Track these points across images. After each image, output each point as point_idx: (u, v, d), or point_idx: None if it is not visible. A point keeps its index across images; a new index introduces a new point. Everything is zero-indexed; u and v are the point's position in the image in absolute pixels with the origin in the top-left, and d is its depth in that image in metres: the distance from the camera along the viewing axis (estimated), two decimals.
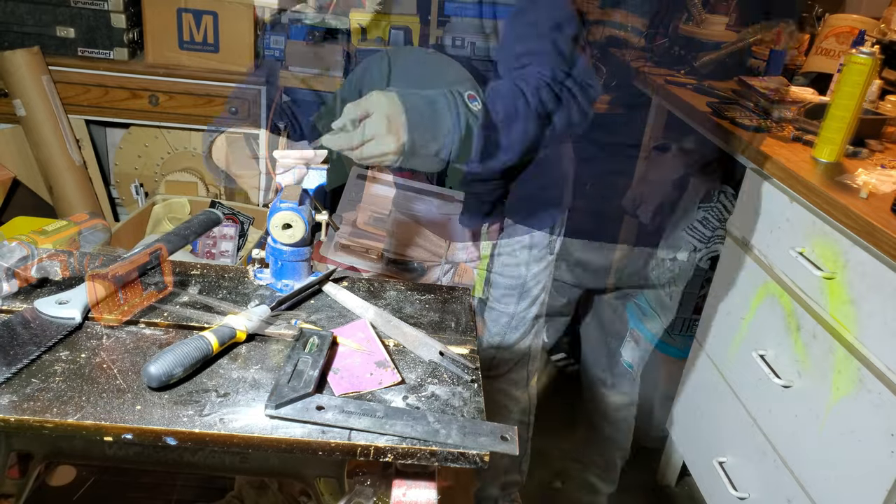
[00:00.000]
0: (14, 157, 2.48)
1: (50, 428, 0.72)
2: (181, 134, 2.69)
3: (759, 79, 2.12)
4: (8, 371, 0.77)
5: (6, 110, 2.37)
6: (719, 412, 1.79)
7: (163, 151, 2.72)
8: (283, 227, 0.95)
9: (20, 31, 2.34)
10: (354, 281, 1.06)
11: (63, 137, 2.40)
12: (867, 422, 1.28)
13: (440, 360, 0.89)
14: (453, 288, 1.08)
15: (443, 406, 0.81)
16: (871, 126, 1.73)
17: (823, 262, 1.41)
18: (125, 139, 2.71)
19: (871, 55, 1.47)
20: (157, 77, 2.41)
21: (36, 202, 2.57)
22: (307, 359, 0.83)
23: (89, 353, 0.83)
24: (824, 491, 1.39)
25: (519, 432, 0.77)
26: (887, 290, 1.25)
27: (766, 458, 1.57)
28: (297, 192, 0.96)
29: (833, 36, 2.25)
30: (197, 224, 1.12)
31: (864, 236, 1.29)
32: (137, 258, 0.91)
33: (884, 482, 1.23)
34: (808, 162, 1.57)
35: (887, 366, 1.24)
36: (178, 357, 0.78)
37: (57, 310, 0.87)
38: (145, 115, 2.47)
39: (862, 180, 1.45)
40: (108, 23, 2.35)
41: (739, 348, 1.70)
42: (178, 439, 0.73)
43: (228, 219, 2.24)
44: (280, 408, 0.75)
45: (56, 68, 2.37)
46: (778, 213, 1.57)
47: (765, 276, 1.61)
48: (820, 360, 1.42)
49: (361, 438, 0.74)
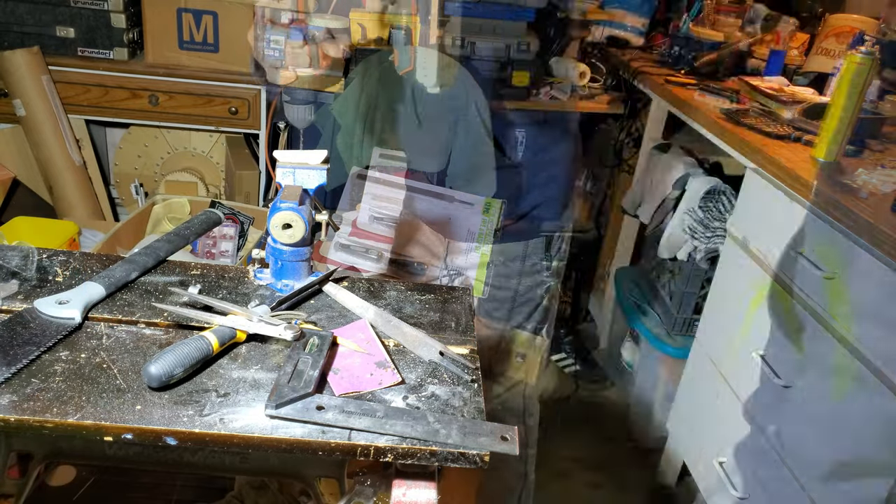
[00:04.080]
0: (14, 157, 2.48)
1: (50, 428, 0.72)
2: (181, 134, 2.69)
3: (759, 79, 2.12)
4: (8, 371, 0.77)
5: (6, 110, 2.37)
6: (719, 412, 1.79)
7: (163, 151, 2.72)
8: (283, 227, 0.95)
9: (20, 31, 2.34)
10: (354, 281, 1.06)
11: (63, 137, 2.40)
12: (867, 422, 1.28)
13: (440, 360, 0.89)
14: (453, 288, 1.08)
15: (443, 406, 0.81)
16: (870, 126, 1.72)
17: (823, 262, 1.41)
18: (125, 139, 2.71)
19: (871, 55, 1.47)
20: (157, 77, 2.40)
21: (36, 202, 2.57)
22: (307, 359, 0.83)
23: (89, 353, 0.83)
24: (824, 491, 1.39)
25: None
26: (887, 290, 1.25)
27: (766, 458, 1.57)
28: (297, 192, 0.96)
29: (833, 36, 2.25)
30: (197, 224, 1.12)
31: (865, 236, 1.29)
32: None
33: (884, 482, 1.23)
34: (807, 162, 1.57)
35: (887, 366, 1.24)
36: (178, 357, 0.78)
37: (57, 310, 0.87)
38: (145, 115, 2.47)
39: (862, 180, 1.45)
40: (108, 23, 2.35)
41: (739, 348, 1.70)
42: (178, 439, 0.73)
43: (228, 219, 2.23)
44: (280, 408, 0.75)
45: (56, 68, 2.37)
46: (778, 213, 1.57)
47: (765, 276, 1.61)
48: (820, 360, 1.41)
49: (361, 438, 0.74)
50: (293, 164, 0.99)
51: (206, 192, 2.68)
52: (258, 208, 2.45)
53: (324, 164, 0.99)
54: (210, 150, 2.72)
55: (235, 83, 2.43)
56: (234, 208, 2.29)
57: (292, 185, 0.99)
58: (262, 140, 2.53)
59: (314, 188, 1.00)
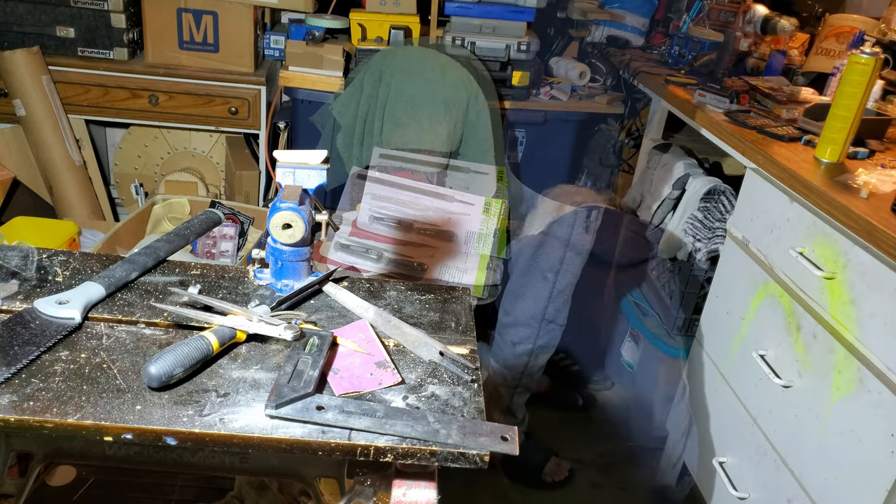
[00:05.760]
0: (14, 157, 2.48)
1: (50, 428, 0.72)
2: (181, 134, 2.69)
3: (759, 79, 2.12)
4: (8, 371, 0.77)
5: (6, 110, 2.37)
6: (719, 412, 1.79)
7: (163, 151, 2.72)
8: (283, 227, 0.94)
9: (20, 31, 2.34)
10: (354, 281, 1.06)
11: (63, 137, 2.40)
12: (867, 422, 1.28)
13: (440, 360, 0.89)
14: (453, 288, 1.08)
15: (443, 406, 0.81)
16: (874, 127, 1.72)
17: (824, 262, 1.41)
18: (125, 139, 2.71)
19: (874, 56, 1.47)
20: (157, 77, 2.40)
21: (36, 202, 2.57)
22: (307, 359, 0.83)
23: (89, 353, 0.83)
24: (824, 491, 1.39)
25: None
26: (887, 290, 1.25)
27: (766, 458, 1.57)
28: (297, 192, 0.96)
29: (833, 36, 2.25)
30: (197, 224, 1.12)
31: (865, 236, 1.29)
32: None
33: (884, 482, 1.23)
34: (809, 162, 1.57)
35: (887, 366, 1.24)
36: (178, 357, 0.78)
37: (57, 310, 0.87)
38: (145, 115, 2.47)
39: (862, 180, 1.45)
40: (108, 23, 2.35)
41: (739, 348, 1.70)
42: (178, 439, 0.73)
43: (228, 219, 2.23)
44: (280, 408, 0.75)
45: (56, 68, 2.37)
46: (778, 213, 1.57)
47: (765, 276, 1.61)
48: (820, 360, 1.42)
49: (361, 438, 0.74)
50: (293, 164, 0.99)
51: (206, 192, 2.68)
52: (258, 208, 2.45)
53: (324, 164, 0.99)
54: (210, 150, 2.72)
55: (235, 83, 2.43)
56: (234, 208, 2.29)
57: (292, 185, 0.99)
58: (262, 140, 2.53)
59: (314, 188, 1.00)
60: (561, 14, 2.69)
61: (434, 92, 2.14)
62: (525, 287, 1.91)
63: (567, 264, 1.86)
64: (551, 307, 1.88)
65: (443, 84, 2.15)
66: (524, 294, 1.91)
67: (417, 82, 2.15)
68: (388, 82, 2.16)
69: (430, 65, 2.19)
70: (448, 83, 2.15)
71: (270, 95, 2.51)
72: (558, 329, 1.91)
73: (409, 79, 2.16)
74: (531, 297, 1.90)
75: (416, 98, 2.14)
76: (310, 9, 2.44)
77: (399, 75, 2.16)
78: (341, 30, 2.57)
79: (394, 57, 2.22)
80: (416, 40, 2.49)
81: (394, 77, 2.16)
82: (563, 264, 1.86)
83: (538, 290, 1.89)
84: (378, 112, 2.17)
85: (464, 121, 2.16)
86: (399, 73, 2.17)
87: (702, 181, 1.99)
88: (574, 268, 1.87)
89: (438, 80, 2.16)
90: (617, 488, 2.08)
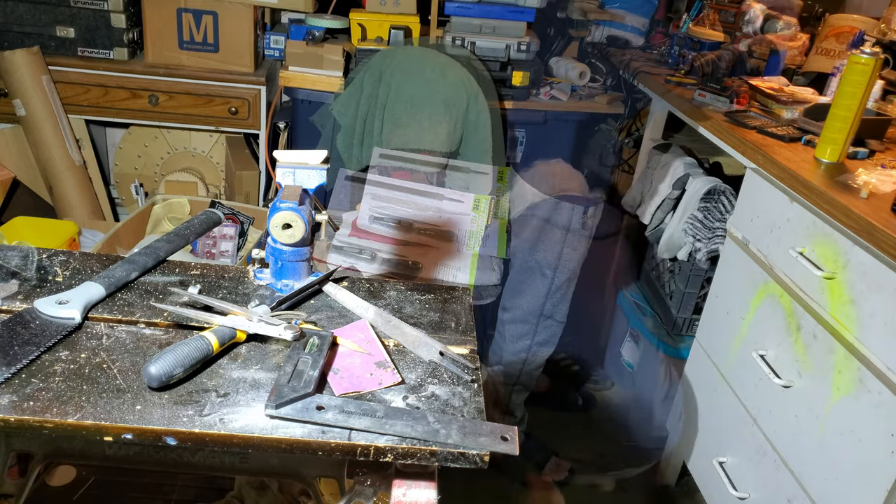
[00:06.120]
0: (14, 157, 2.48)
1: (50, 428, 0.72)
2: (181, 134, 2.69)
3: (759, 79, 2.12)
4: (8, 371, 0.77)
5: (6, 110, 2.37)
6: (719, 412, 1.79)
7: (163, 151, 2.72)
8: (283, 227, 0.94)
9: (20, 31, 2.34)
10: (354, 281, 1.06)
11: (63, 137, 2.40)
12: (867, 422, 1.28)
13: (440, 360, 0.89)
14: (453, 288, 1.08)
15: (443, 406, 0.81)
16: (874, 127, 1.72)
17: (824, 262, 1.41)
18: (125, 139, 2.71)
19: (874, 56, 1.47)
20: (157, 77, 2.40)
21: (36, 202, 2.57)
22: (307, 359, 0.83)
23: (89, 353, 0.83)
24: (824, 491, 1.39)
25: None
26: (887, 290, 1.25)
27: (766, 458, 1.57)
28: (297, 192, 0.96)
29: (833, 36, 2.25)
30: (197, 224, 1.12)
31: (865, 236, 1.29)
32: None
33: (884, 482, 1.23)
34: (809, 162, 1.57)
35: (887, 366, 1.24)
36: (178, 357, 0.78)
37: (57, 310, 0.87)
38: (145, 115, 2.47)
39: (862, 180, 1.45)
40: (108, 23, 2.35)
41: (739, 348, 1.70)
42: (178, 439, 0.73)
43: (228, 219, 2.23)
44: (280, 408, 0.75)
45: (56, 68, 2.37)
46: (778, 213, 1.57)
47: (765, 276, 1.61)
48: (820, 360, 1.41)
49: (361, 438, 0.74)
50: (293, 164, 0.99)
51: (206, 192, 2.68)
52: (258, 208, 2.45)
53: (324, 164, 0.99)
54: (210, 150, 2.72)
55: (235, 83, 2.43)
56: (234, 208, 2.29)
57: (292, 185, 0.99)
58: (262, 140, 2.53)
59: (314, 188, 1.00)
60: (561, 14, 2.69)
61: (434, 92, 2.14)
62: (523, 283, 1.92)
63: (565, 260, 1.87)
64: (549, 303, 1.89)
65: (443, 84, 2.15)
66: (523, 290, 1.92)
67: (417, 82, 2.15)
68: (388, 82, 2.16)
69: (430, 65, 2.19)
70: (448, 83, 2.15)
71: (270, 95, 2.51)
72: (557, 325, 1.91)
73: (409, 79, 2.16)
74: (529, 293, 1.90)
75: (416, 98, 2.14)
76: (310, 9, 2.44)
77: (399, 75, 2.16)
78: (341, 30, 2.56)
79: (394, 57, 2.22)
80: (416, 40, 2.49)
81: (394, 77, 2.16)
82: (560, 260, 1.87)
83: (536, 285, 1.90)
84: (378, 112, 2.17)
85: (464, 121, 2.16)
86: (399, 73, 2.17)
87: (702, 181, 1.99)
88: (572, 263, 1.88)
89: (438, 80, 2.16)
90: (617, 488, 2.08)
